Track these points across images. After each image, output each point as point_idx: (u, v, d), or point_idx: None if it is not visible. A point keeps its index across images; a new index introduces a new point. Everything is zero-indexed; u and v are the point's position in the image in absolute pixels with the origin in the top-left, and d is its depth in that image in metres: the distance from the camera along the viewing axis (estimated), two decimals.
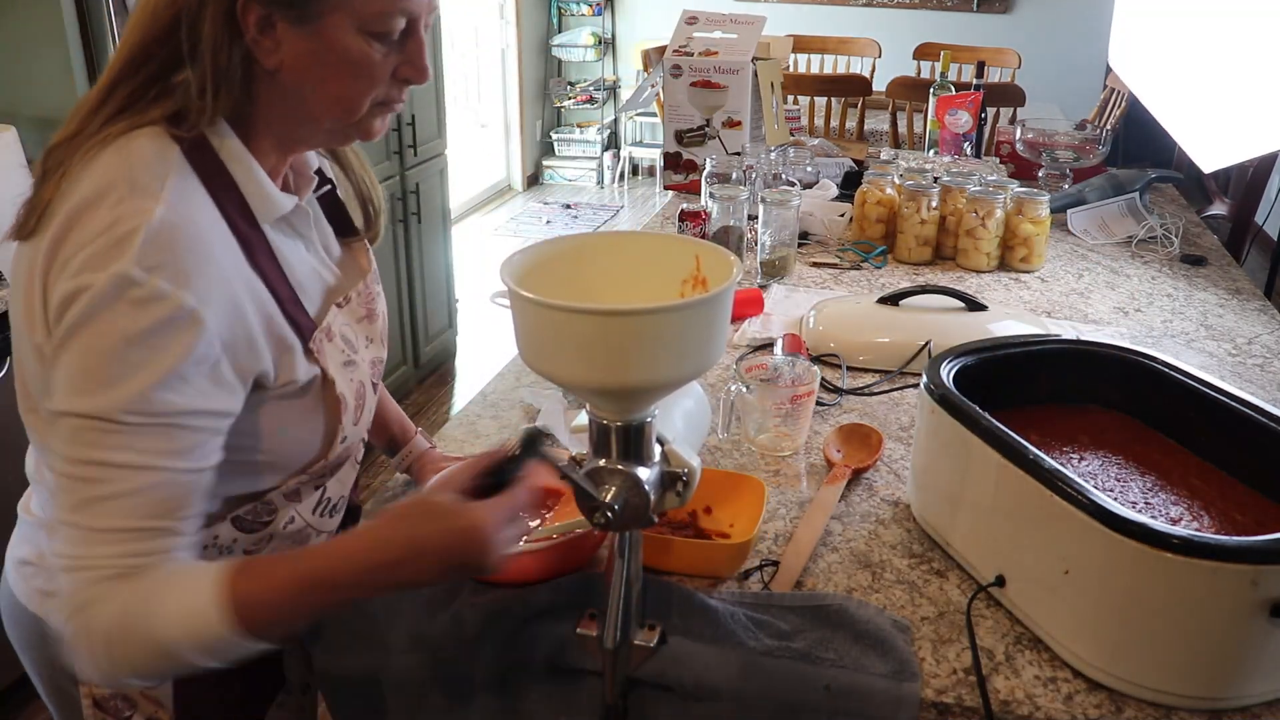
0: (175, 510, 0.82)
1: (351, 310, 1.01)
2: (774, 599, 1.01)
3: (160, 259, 0.78)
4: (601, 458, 0.85)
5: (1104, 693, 0.91)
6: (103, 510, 0.79)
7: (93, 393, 0.78)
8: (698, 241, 0.90)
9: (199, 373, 0.81)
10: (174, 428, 0.81)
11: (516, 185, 6.53)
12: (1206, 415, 1.07)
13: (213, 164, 0.86)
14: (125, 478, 0.79)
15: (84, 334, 0.78)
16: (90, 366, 0.78)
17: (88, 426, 0.79)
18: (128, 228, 0.79)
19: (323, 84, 0.87)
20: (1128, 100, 3.75)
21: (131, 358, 0.78)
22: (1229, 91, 2.51)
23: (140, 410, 0.79)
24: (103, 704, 1.03)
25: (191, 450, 0.82)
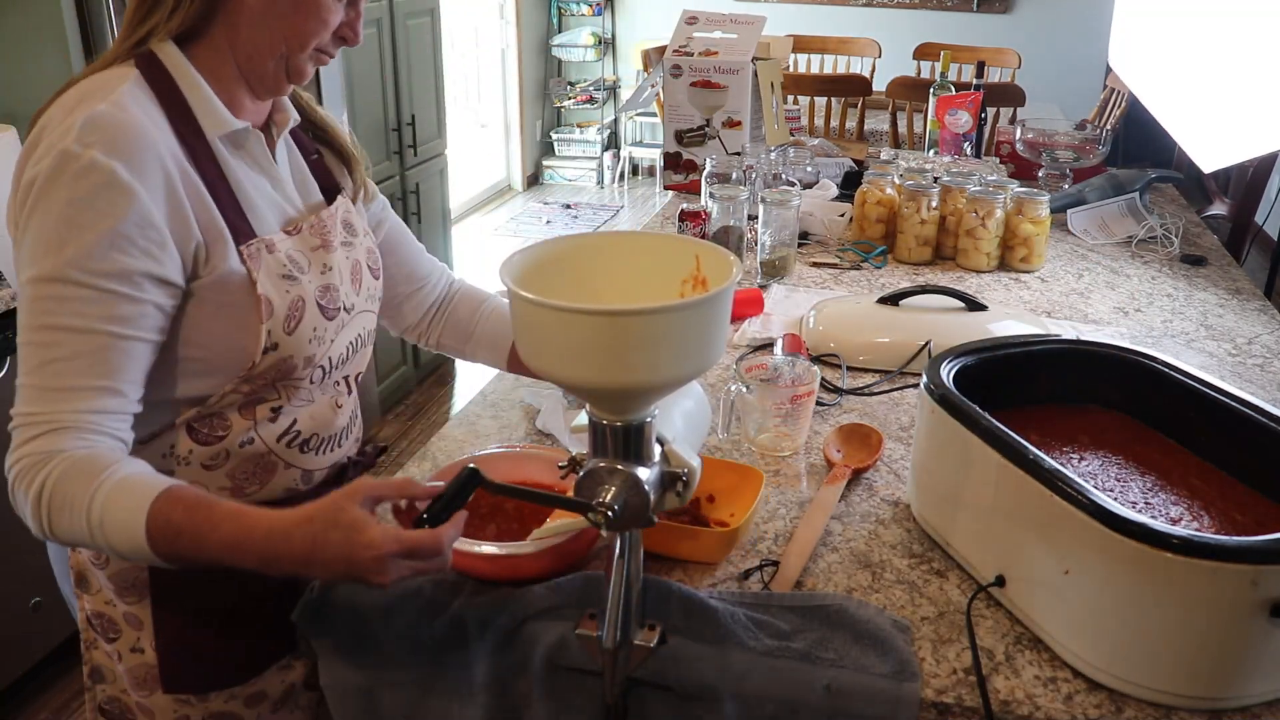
0: (119, 373, 0.91)
1: (303, 238, 1.07)
2: (774, 599, 1.01)
3: (96, 137, 0.89)
4: (601, 458, 0.85)
5: (1104, 693, 0.91)
6: (51, 370, 0.89)
7: (45, 256, 0.89)
8: (698, 241, 0.90)
9: (141, 235, 0.90)
10: (116, 294, 0.90)
11: (516, 185, 6.53)
12: (1206, 415, 1.07)
13: (163, 78, 0.97)
14: (75, 341, 0.89)
15: (38, 210, 0.89)
16: (43, 236, 0.89)
17: (42, 294, 0.89)
18: (69, 122, 0.90)
19: (283, 17, 0.97)
20: (1128, 100, 3.76)
21: (75, 219, 0.88)
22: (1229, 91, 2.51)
23: (85, 268, 0.88)
24: (92, 621, 1.11)
25: (134, 318, 0.92)
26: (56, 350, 0.89)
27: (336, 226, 1.11)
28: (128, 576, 1.07)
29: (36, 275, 0.89)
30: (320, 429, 1.12)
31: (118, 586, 1.07)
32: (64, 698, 2.23)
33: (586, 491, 0.85)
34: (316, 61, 1.02)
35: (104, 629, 1.10)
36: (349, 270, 1.12)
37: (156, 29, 0.97)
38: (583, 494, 0.85)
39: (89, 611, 1.11)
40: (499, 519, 1.13)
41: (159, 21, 0.97)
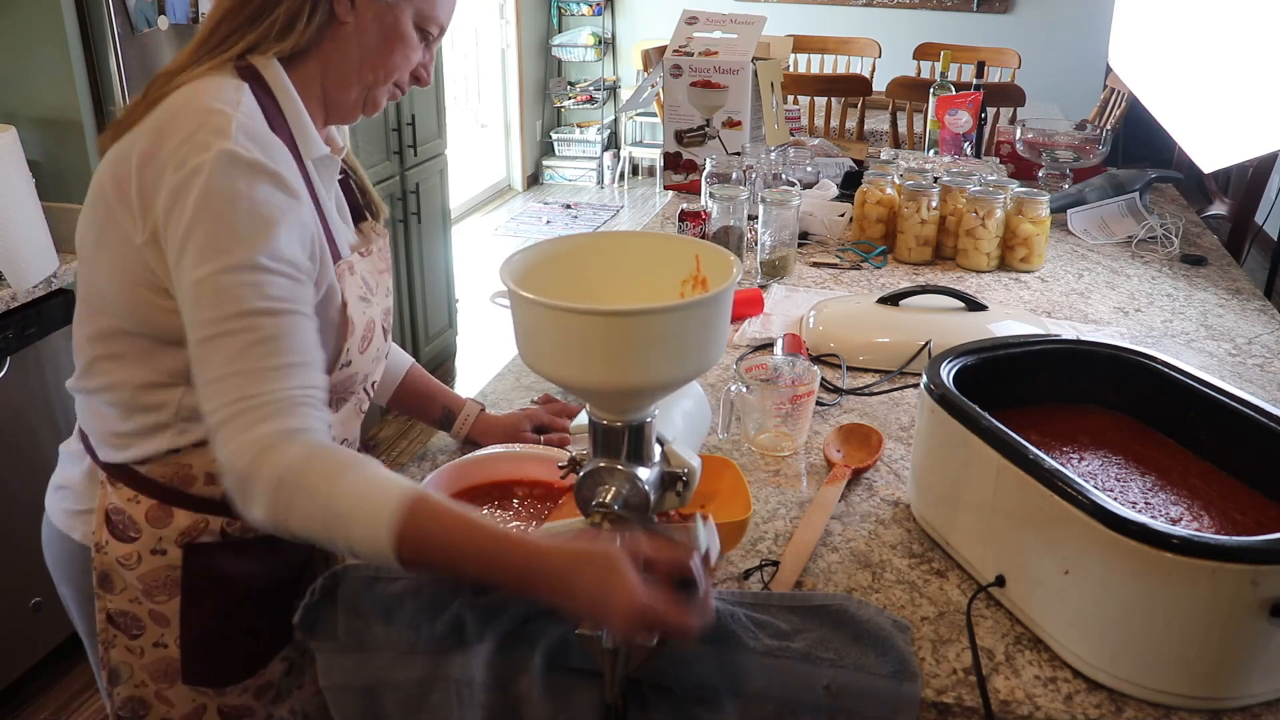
0: (310, 348, 0.93)
1: (372, 261, 1.13)
2: (774, 599, 1.01)
3: (253, 145, 0.93)
4: (601, 458, 0.85)
5: (1104, 693, 0.91)
6: (261, 352, 0.89)
7: (232, 249, 0.90)
8: (698, 241, 0.91)
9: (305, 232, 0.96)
10: (300, 281, 0.94)
11: (516, 185, 6.53)
12: (1206, 415, 1.07)
13: (267, 97, 1.00)
14: (271, 323, 0.90)
15: (214, 202, 0.90)
16: (225, 228, 0.90)
17: (232, 282, 0.89)
18: (220, 121, 0.92)
19: (374, 49, 1.03)
20: (1128, 100, 3.75)
21: (259, 212, 0.91)
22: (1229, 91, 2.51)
23: (275, 255, 0.91)
24: (115, 619, 1.10)
25: (308, 300, 0.95)
26: (259, 332, 0.89)
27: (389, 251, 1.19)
28: (159, 576, 1.08)
29: (224, 267, 0.89)
30: (347, 434, 1.16)
31: (147, 586, 1.08)
32: (64, 698, 2.23)
33: (586, 491, 0.85)
34: (391, 96, 1.08)
35: (127, 626, 1.11)
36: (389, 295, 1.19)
37: (261, 45, 1.00)
38: (583, 494, 0.85)
39: (111, 610, 1.11)
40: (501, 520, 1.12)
41: (263, 39, 1.00)
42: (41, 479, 1.17)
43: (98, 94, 2.19)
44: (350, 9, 1.01)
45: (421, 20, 1.05)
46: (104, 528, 1.07)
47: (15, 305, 2.06)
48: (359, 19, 1.01)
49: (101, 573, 1.10)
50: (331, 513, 0.86)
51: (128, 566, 1.08)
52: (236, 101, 0.95)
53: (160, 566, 1.08)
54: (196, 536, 1.07)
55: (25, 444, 2.12)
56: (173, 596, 1.09)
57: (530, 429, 1.32)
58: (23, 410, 2.12)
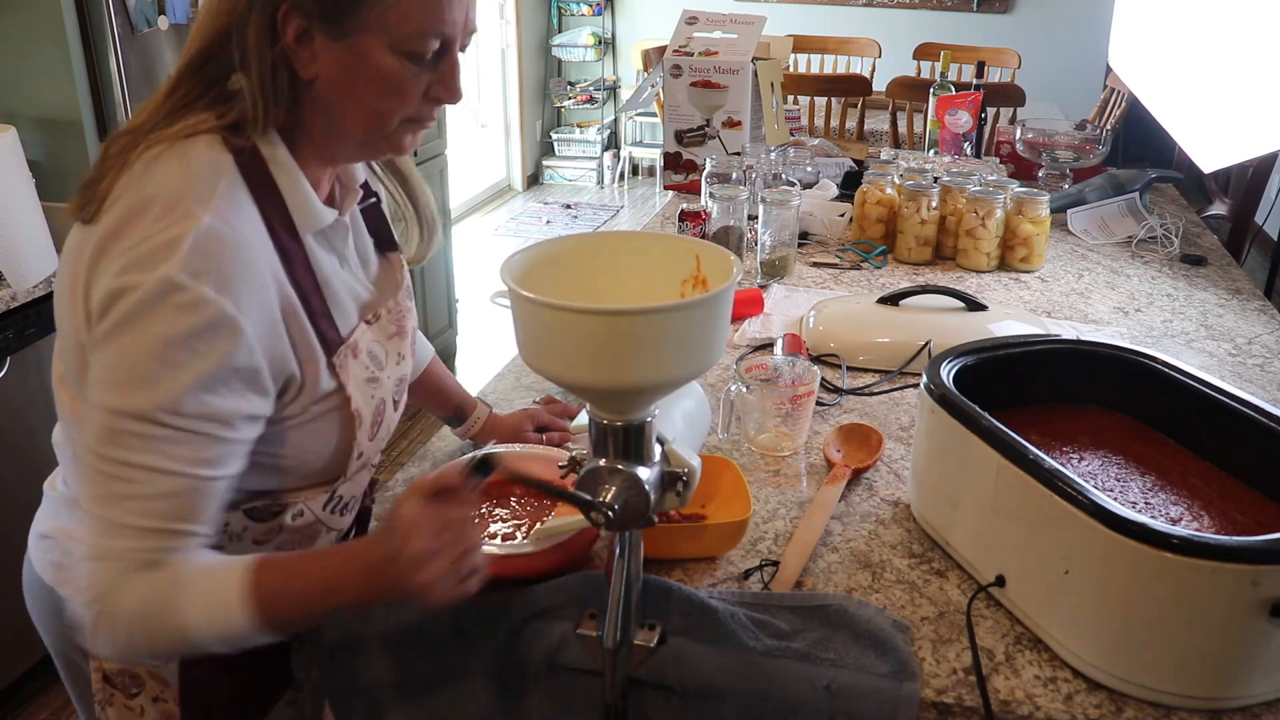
0: (197, 515, 0.86)
1: (381, 327, 1.03)
2: (774, 599, 1.01)
3: (205, 266, 0.81)
4: (601, 458, 0.85)
5: (1104, 693, 0.91)
6: (126, 508, 0.83)
7: (131, 391, 0.82)
8: (698, 241, 0.90)
9: (236, 378, 0.84)
10: (205, 436, 0.84)
11: (516, 185, 6.53)
12: (1206, 415, 1.07)
13: (262, 174, 0.89)
14: (151, 481, 0.83)
15: (127, 333, 0.81)
16: (130, 365, 0.81)
17: (120, 427, 0.82)
18: (176, 233, 0.82)
19: (355, 97, 0.90)
20: (1128, 100, 3.75)
21: (171, 359, 0.81)
22: (1229, 91, 2.51)
23: (176, 411, 0.82)
24: (111, 679, 1.05)
25: (219, 459, 0.86)
26: (133, 487, 0.83)
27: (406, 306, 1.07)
28: None
29: (118, 408, 0.82)
30: (356, 490, 1.10)
31: None
32: (64, 698, 2.23)
33: (586, 491, 0.85)
34: (414, 130, 0.95)
35: (124, 685, 1.05)
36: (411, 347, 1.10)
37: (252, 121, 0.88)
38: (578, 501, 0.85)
39: (107, 671, 1.05)
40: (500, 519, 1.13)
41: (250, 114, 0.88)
42: (42, 479, 1.15)
43: (98, 94, 2.19)
44: (311, 61, 0.87)
45: (402, 42, 0.87)
46: None
47: (15, 305, 2.06)
48: (323, 71, 0.88)
49: None
50: (183, 638, 0.84)
51: None
52: (209, 195, 0.84)
53: None
54: None
55: (25, 444, 2.12)
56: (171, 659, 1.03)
57: (532, 429, 1.32)
58: (23, 410, 2.12)
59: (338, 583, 0.86)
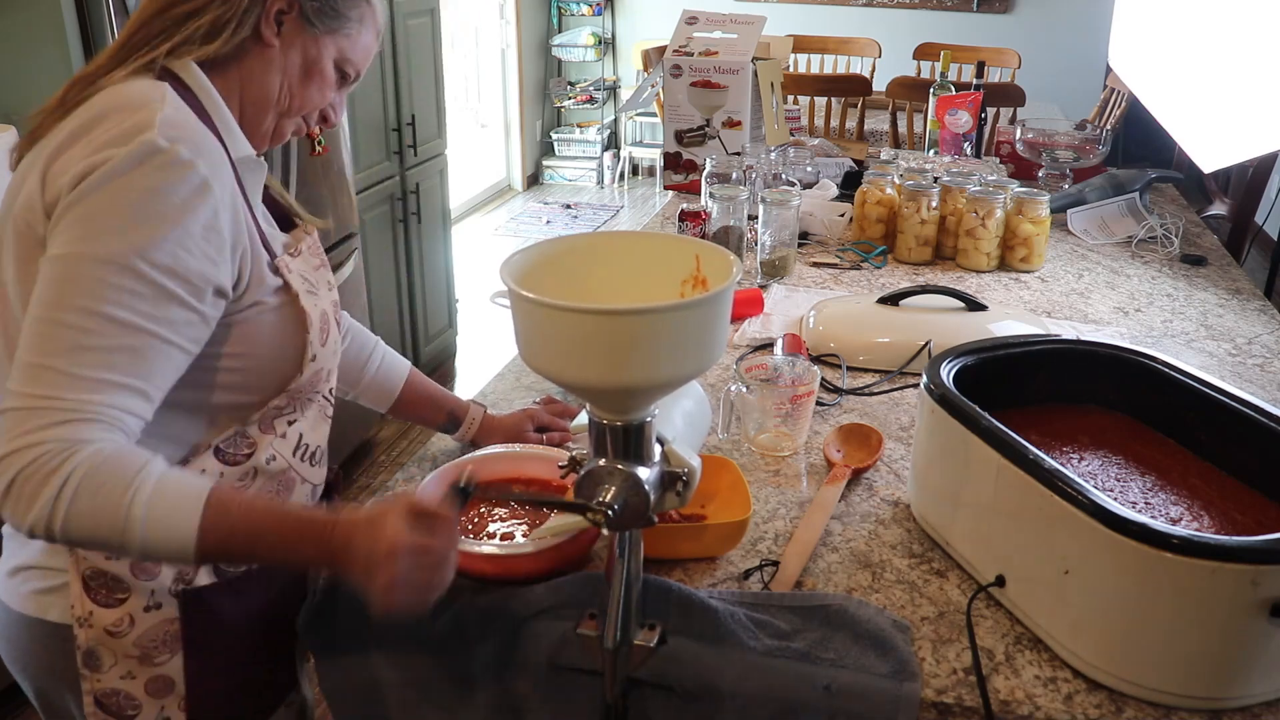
0: (155, 376, 0.87)
1: (304, 259, 1.07)
2: (774, 599, 1.01)
3: (178, 134, 0.88)
4: (601, 458, 0.85)
5: (1104, 693, 0.91)
6: (91, 359, 0.83)
7: (106, 237, 0.84)
8: (698, 241, 0.90)
9: (206, 239, 0.89)
10: (171, 295, 0.86)
11: (516, 185, 6.53)
12: (1206, 415, 1.07)
13: (191, 99, 0.96)
14: (119, 334, 0.84)
15: (105, 189, 0.85)
16: (109, 216, 0.84)
17: (94, 274, 0.83)
18: (145, 115, 0.88)
19: (294, 77, 1.02)
20: (1128, 100, 3.75)
21: (151, 208, 0.85)
22: (1229, 91, 2.51)
23: (149, 260, 0.85)
24: (105, 703, 1.02)
25: (182, 324, 0.88)
26: (95, 339, 0.83)
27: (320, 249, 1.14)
28: (157, 634, 1.00)
29: (89, 254, 0.83)
30: (319, 440, 1.13)
31: (144, 650, 1.00)
32: None
33: (586, 491, 0.85)
34: (296, 131, 1.08)
35: (119, 708, 1.02)
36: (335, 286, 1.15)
37: (180, 49, 0.96)
38: (583, 494, 0.85)
39: (99, 692, 1.01)
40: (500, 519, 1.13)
41: (185, 43, 0.96)
42: None
43: None
44: (275, 34, 0.99)
45: (341, 60, 1.04)
46: (84, 597, 0.98)
47: None
48: (284, 44, 1.00)
49: (87, 650, 1.00)
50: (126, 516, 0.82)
51: (119, 634, 0.99)
52: (161, 98, 0.91)
53: (157, 624, 1.00)
54: (191, 581, 1.01)
55: None
56: (175, 654, 1.01)
57: (532, 429, 1.32)
58: None
59: (292, 544, 0.88)
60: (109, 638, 0.99)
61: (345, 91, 1.09)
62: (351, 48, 1.05)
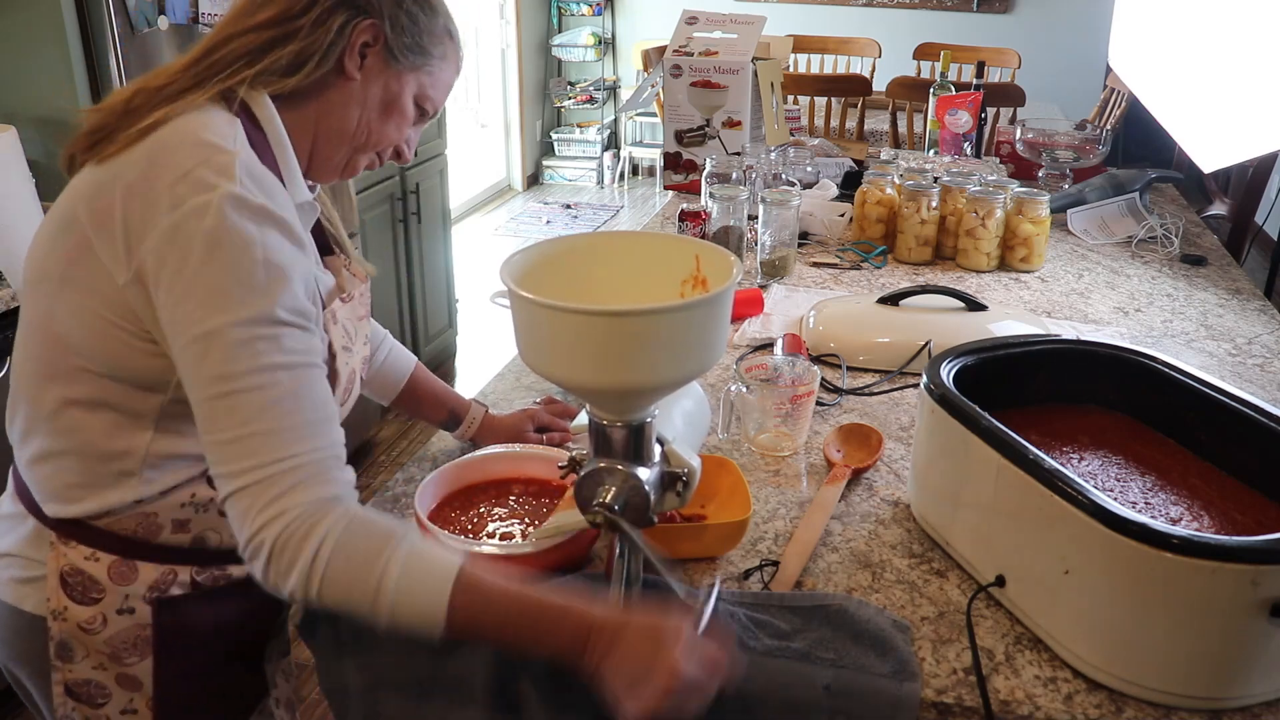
0: (330, 400, 0.90)
1: (353, 308, 1.07)
2: (774, 599, 1.01)
3: (258, 186, 0.88)
4: (601, 458, 0.85)
5: (1104, 693, 0.91)
6: (281, 411, 0.84)
7: (246, 300, 0.84)
8: (698, 241, 0.91)
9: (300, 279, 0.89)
10: (307, 330, 0.88)
11: (516, 185, 6.53)
12: (1206, 415, 1.07)
13: (258, 136, 0.94)
14: (290, 379, 0.85)
15: (219, 252, 0.84)
16: (236, 278, 0.84)
17: (247, 335, 0.84)
18: (223, 160, 0.87)
19: (373, 112, 1.00)
20: (1128, 100, 3.75)
21: (272, 260, 0.86)
22: (1229, 91, 2.51)
23: (290, 307, 0.86)
24: (75, 690, 1.03)
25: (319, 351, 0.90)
26: (278, 389, 0.84)
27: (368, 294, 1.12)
28: (128, 637, 1.01)
29: (239, 319, 0.84)
30: None
31: (114, 650, 1.01)
32: None
33: (586, 491, 0.85)
34: (369, 165, 1.06)
35: (90, 696, 1.03)
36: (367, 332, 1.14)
37: (259, 79, 0.94)
38: (583, 494, 0.85)
39: (70, 681, 1.02)
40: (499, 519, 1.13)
41: (266, 71, 0.94)
42: None
43: (98, 94, 2.19)
44: (359, 67, 0.97)
45: (420, 98, 1.03)
46: (60, 592, 0.99)
47: (15, 305, 2.06)
48: (365, 79, 0.98)
49: (60, 642, 1.01)
50: (377, 588, 0.83)
51: (91, 631, 1.00)
52: (234, 137, 0.90)
53: (129, 626, 1.01)
54: (166, 590, 1.01)
55: None
56: (144, 657, 1.02)
57: (532, 429, 1.32)
58: None
59: (544, 632, 0.85)
60: (82, 633, 1.00)
61: (421, 127, 1.08)
62: (433, 84, 1.04)
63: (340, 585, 0.83)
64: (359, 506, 0.86)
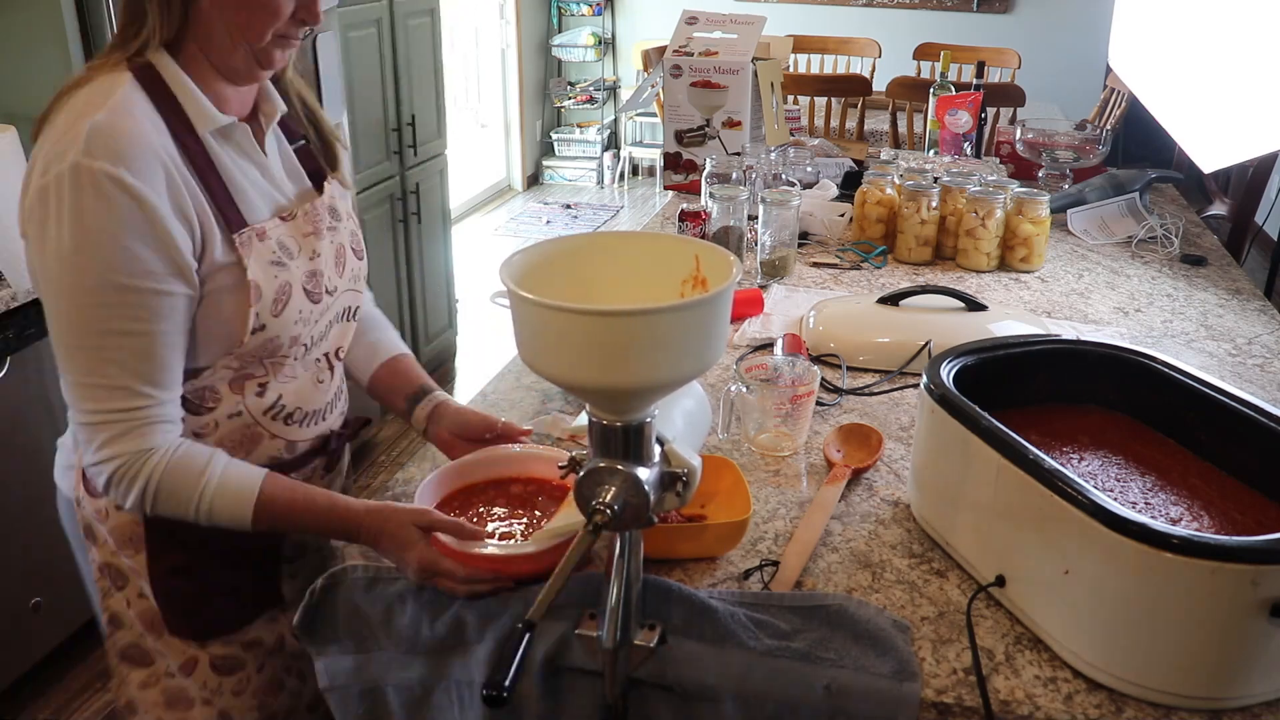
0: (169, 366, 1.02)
1: (297, 225, 1.14)
2: (774, 599, 1.01)
3: (101, 146, 0.96)
4: (601, 458, 0.85)
5: (1104, 693, 0.91)
6: (114, 372, 0.99)
7: (82, 269, 0.96)
8: (698, 241, 0.90)
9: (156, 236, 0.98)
10: (153, 293, 0.99)
11: (516, 185, 6.53)
12: (1206, 415, 1.07)
13: (157, 83, 1.04)
14: (128, 343, 0.99)
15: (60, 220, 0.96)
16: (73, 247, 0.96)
17: (86, 302, 0.97)
18: (77, 129, 0.97)
19: (234, 14, 1.03)
20: (1128, 100, 3.75)
21: (101, 229, 0.95)
22: (1229, 91, 2.51)
23: (125, 271, 0.96)
24: (104, 570, 1.19)
25: (169, 313, 1.01)
26: (112, 353, 0.98)
27: (324, 214, 1.18)
28: (125, 531, 1.15)
29: (75, 286, 0.96)
30: (304, 404, 1.18)
31: (118, 540, 1.15)
32: (64, 698, 2.23)
33: (586, 491, 0.85)
34: (282, 47, 1.07)
35: (114, 578, 1.18)
36: (334, 255, 1.18)
37: (149, 41, 1.04)
38: (583, 494, 0.85)
39: (99, 562, 1.18)
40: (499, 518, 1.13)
41: (149, 34, 1.03)
42: (41, 479, 1.17)
43: None
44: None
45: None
46: (80, 483, 1.16)
47: (15, 305, 2.06)
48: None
49: (85, 525, 1.18)
50: (200, 513, 1.04)
51: (101, 520, 1.16)
52: (104, 101, 0.99)
53: (127, 522, 1.14)
54: None
55: (25, 444, 2.12)
56: (139, 551, 1.15)
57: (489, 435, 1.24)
58: (23, 410, 2.12)
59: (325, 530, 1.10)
60: (96, 521, 1.17)
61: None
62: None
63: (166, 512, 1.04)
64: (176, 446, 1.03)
